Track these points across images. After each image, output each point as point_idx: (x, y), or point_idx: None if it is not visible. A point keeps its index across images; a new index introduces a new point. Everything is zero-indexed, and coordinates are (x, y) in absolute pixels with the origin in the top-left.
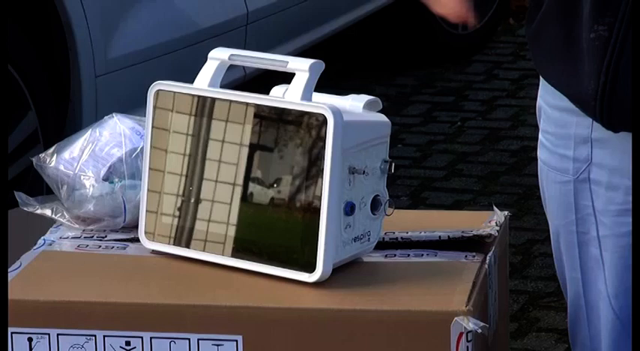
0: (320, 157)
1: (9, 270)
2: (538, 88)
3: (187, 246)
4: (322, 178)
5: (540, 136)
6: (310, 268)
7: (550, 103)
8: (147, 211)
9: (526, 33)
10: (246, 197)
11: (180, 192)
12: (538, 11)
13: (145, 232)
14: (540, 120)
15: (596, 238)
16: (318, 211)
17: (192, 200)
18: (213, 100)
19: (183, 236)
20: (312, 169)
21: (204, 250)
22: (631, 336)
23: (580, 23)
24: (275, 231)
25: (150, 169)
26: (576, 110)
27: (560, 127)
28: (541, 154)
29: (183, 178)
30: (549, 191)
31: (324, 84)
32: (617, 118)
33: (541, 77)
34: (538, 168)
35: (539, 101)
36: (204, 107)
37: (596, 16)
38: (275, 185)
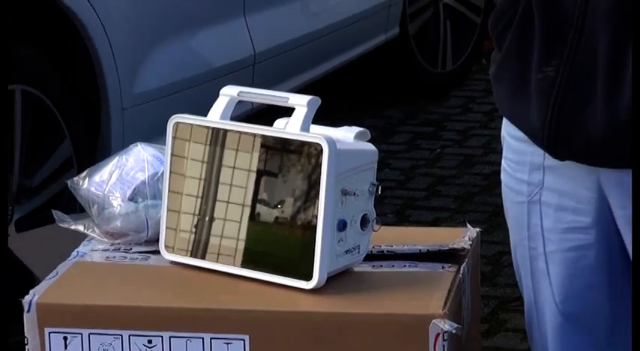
0: (317, 181)
1: (47, 278)
2: None
3: (203, 258)
4: (319, 199)
5: (503, 162)
6: (308, 276)
7: (511, 134)
8: (167, 227)
9: (490, 74)
10: (253, 216)
11: (196, 211)
12: (498, 55)
13: (165, 246)
14: (504, 148)
15: (543, 254)
16: (315, 227)
17: (207, 218)
18: (225, 131)
19: (199, 249)
20: (311, 192)
21: (217, 262)
22: (576, 331)
23: (531, 66)
24: (278, 245)
25: (169, 191)
26: (530, 141)
27: (518, 155)
28: (503, 177)
29: (199, 200)
30: (509, 210)
31: (321, 116)
32: (561, 148)
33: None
34: (504, 196)
35: (503, 132)
36: (217, 137)
37: (544, 60)
38: (279, 206)
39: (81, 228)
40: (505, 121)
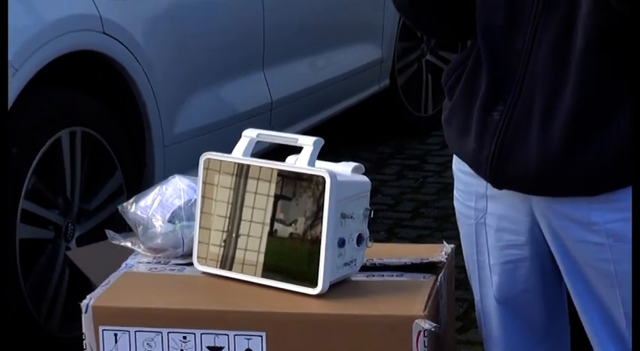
0: (322, 205)
1: (101, 285)
2: None
3: (230, 269)
4: (323, 220)
5: (455, 192)
6: (314, 284)
7: (460, 169)
8: (199, 242)
9: (442, 119)
10: (272, 232)
11: (225, 228)
12: (449, 104)
13: (198, 257)
14: (455, 180)
15: (488, 265)
16: (320, 241)
17: (233, 235)
18: (248, 165)
19: (227, 261)
20: (318, 213)
21: (241, 272)
22: (515, 326)
23: (474, 112)
24: (291, 257)
25: (201, 212)
26: (475, 174)
27: (466, 186)
28: (456, 204)
29: (227, 219)
30: (462, 231)
31: (325, 151)
32: (501, 179)
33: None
34: (457, 217)
35: (454, 167)
36: (241, 170)
37: (490, 106)
38: (292, 224)
39: (129, 244)
40: (455, 159)
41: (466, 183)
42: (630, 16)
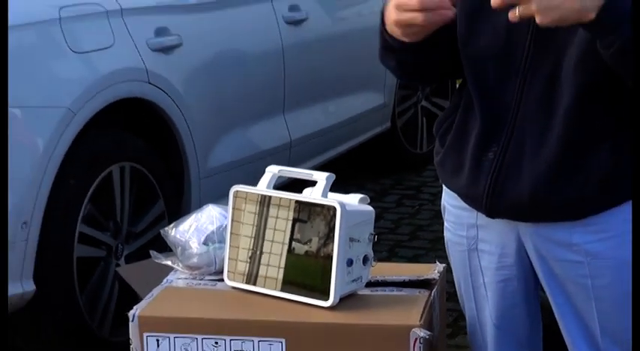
0: (333, 228)
1: (145, 297)
2: None
3: (254, 284)
4: (334, 244)
5: (445, 223)
6: (326, 297)
7: (450, 204)
8: (229, 258)
9: (435, 162)
10: (291, 250)
11: (250, 247)
12: (441, 150)
13: (227, 272)
14: (445, 214)
15: (483, 284)
16: (331, 260)
17: (258, 252)
18: (271, 196)
19: (251, 277)
20: (329, 235)
21: (264, 286)
22: (505, 335)
23: (467, 154)
24: (306, 272)
25: (231, 233)
26: (467, 208)
27: (457, 218)
28: (446, 235)
29: (252, 239)
30: (452, 257)
31: (336, 183)
32: (495, 209)
33: (445, 188)
34: (445, 241)
35: (443, 202)
36: (264, 200)
37: (484, 148)
38: (307, 243)
39: (169, 263)
40: (445, 195)
41: (457, 215)
42: (622, 72)
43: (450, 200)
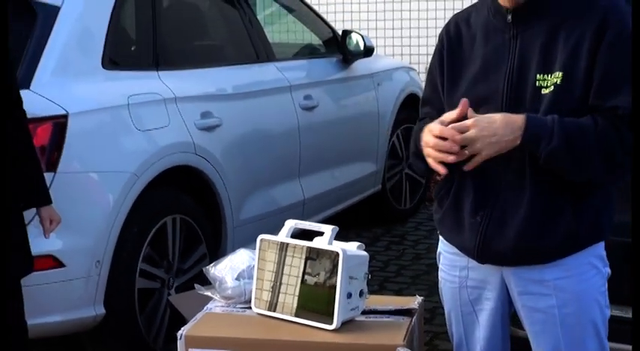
0: (336, 265)
1: (191, 321)
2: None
3: (274, 311)
4: (337, 280)
5: (440, 265)
6: (330, 322)
7: (446, 251)
8: (255, 289)
9: (435, 220)
10: (303, 281)
11: (272, 279)
12: (440, 210)
13: (255, 298)
14: (440, 258)
15: (474, 312)
16: (334, 290)
17: (278, 284)
18: (288, 243)
19: (272, 305)
20: (334, 272)
21: (282, 312)
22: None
23: (463, 215)
24: (315, 299)
25: (258, 269)
26: (460, 254)
27: (451, 262)
28: (441, 274)
29: (273, 273)
30: (445, 292)
31: (339, 233)
32: (485, 258)
33: (441, 238)
34: (439, 280)
35: (439, 250)
36: (283, 246)
37: (474, 212)
38: (316, 275)
39: (209, 294)
40: (442, 244)
41: (451, 260)
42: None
43: (445, 248)
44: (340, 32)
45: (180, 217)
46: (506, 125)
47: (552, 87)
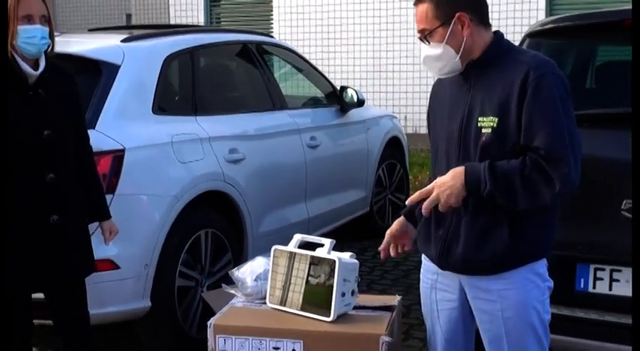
0: (334, 270)
1: (218, 313)
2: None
3: (284, 305)
4: (334, 282)
5: (422, 269)
6: (329, 315)
7: (424, 257)
8: (270, 288)
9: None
10: (308, 282)
11: (283, 280)
12: (418, 226)
13: (270, 295)
14: (422, 265)
15: (437, 310)
16: (332, 290)
17: (287, 284)
18: (296, 253)
19: (283, 299)
20: (331, 273)
21: (290, 307)
22: (450, 347)
23: (429, 232)
24: (317, 296)
25: (272, 272)
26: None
27: (426, 268)
28: (421, 276)
29: (284, 275)
30: (422, 291)
31: (336, 245)
32: (444, 265)
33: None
34: (420, 283)
35: (422, 258)
36: (292, 255)
37: (439, 227)
38: (318, 277)
39: (233, 291)
40: (423, 254)
41: (426, 266)
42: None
43: (424, 256)
44: (339, 87)
45: (212, 231)
46: (453, 177)
47: (490, 129)
